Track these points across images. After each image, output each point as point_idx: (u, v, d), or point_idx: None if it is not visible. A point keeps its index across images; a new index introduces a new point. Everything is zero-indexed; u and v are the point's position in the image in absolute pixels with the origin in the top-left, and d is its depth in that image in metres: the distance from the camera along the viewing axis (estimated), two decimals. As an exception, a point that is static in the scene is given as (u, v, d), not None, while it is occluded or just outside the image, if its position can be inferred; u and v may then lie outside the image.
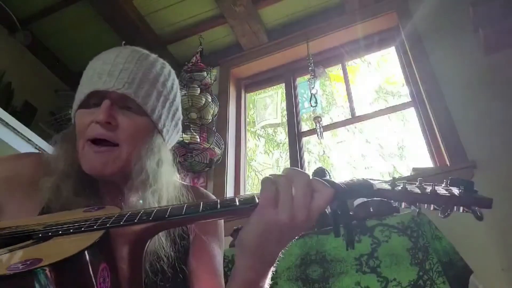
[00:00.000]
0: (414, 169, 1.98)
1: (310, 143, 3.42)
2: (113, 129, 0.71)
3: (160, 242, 0.68)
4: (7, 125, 1.80)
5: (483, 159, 1.78)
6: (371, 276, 1.27)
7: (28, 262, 0.40)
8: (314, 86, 2.44)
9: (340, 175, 4.01)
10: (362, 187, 0.55)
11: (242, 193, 2.43)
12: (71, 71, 3.05)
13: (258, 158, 4.45)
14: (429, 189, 0.55)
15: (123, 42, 2.51)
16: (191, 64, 2.55)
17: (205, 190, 0.91)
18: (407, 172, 3.20)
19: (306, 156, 2.51)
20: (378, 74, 3.64)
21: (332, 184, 0.55)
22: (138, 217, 0.53)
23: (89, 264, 0.43)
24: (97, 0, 2.58)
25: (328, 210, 0.57)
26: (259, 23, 2.66)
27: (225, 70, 2.80)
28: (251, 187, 3.84)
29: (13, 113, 1.99)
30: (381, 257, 1.28)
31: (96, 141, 0.70)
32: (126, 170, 0.72)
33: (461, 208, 0.55)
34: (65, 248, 0.45)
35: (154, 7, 2.64)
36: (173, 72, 0.84)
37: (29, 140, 1.89)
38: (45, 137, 2.21)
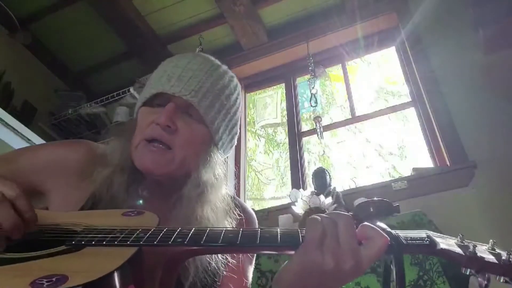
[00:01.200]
0: (414, 169, 1.98)
1: (310, 143, 3.41)
2: (171, 133, 0.71)
3: (200, 260, 0.65)
4: (7, 125, 1.80)
5: (483, 159, 1.78)
6: (371, 276, 1.27)
7: (54, 279, 0.40)
8: (314, 86, 2.44)
9: (340, 175, 4.01)
10: (424, 245, 0.49)
11: (242, 193, 2.43)
12: (71, 71, 3.05)
13: (258, 158, 4.45)
14: (504, 257, 0.47)
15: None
16: (191, 64, 2.55)
17: (241, 202, 0.86)
18: (407, 172, 3.20)
19: (306, 156, 2.51)
20: (378, 74, 3.64)
21: (388, 234, 0.50)
22: (172, 238, 0.50)
23: (116, 287, 0.42)
24: (97, 0, 2.58)
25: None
26: (259, 23, 2.66)
27: (225, 70, 2.79)
28: (251, 187, 3.84)
29: (13, 113, 1.99)
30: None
31: (151, 141, 0.71)
32: (178, 176, 0.72)
33: None
34: (94, 266, 0.44)
35: (154, 7, 2.64)
36: (239, 86, 0.84)
37: (29, 140, 1.89)
38: (45, 137, 2.22)
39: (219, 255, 0.68)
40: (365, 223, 0.51)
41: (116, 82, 2.81)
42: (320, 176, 2.03)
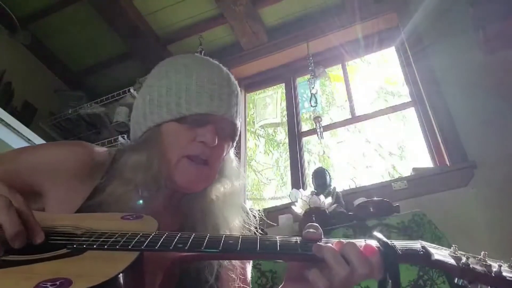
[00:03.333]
0: (414, 169, 1.98)
1: (310, 143, 3.41)
2: (212, 151, 0.73)
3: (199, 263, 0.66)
4: (7, 125, 1.80)
5: (483, 159, 1.78)
6: (371, 276, 1.26)
7: (58, 283, 0.40)
8: (314, 86, 2.44)
9: (340, 175, 4.01)
10: (418, 255, 0.52)
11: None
12: (71, 71, 3.04)
13: (258, 158, 4.45)
14: (495, 269, 0.49)
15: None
16: (191, 64, 2.55)
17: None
18: (407, 172, 3.20)
19: (306, 156, 2.51)
20: (378, 74, 3.64)
21: (385, 245, 0.52)
22: (173, 244, 0.50)
23: None
24: (97, 0, 2.58)
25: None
26: (259, 23, 2.66)
27: (225, 70, 2.79)
28: (251, 187, 3.84)
29: (13, 113, 1.99)
30: (381, 257, 1.28)
31: (191, 157, 0.72)
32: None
33: None
34: (97, 270, 0.44)
35: (154, 7, 2.64)
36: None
37: (29, 140, 1.89)
38: (45, 137, 2.21)
39: None
40: (368, 243, 0.53)
41: (116, 82, 2.80)
42: (320, 176, 2.03)
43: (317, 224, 0.56)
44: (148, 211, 0.65)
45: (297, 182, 2.31)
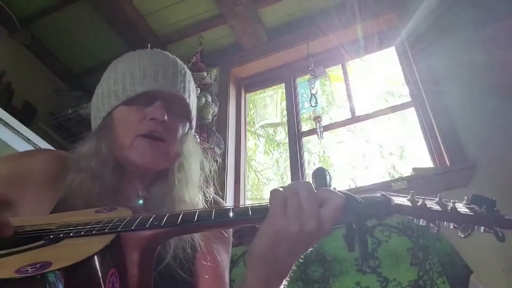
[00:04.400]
0: (414, 169, 1.97)
1: (310, 143, 3.41)
2: (164, 127, 0.74)
3: (175, 244, 0.68)
4: (7, 125, 1.80)
5: (483, 159, 1.78)
6: (371, 276, 1.27)
7: (38, 266, 0.40)
8: (314, 86, 2.44)
9: (340, 175, 4.01)
10: (379, 201, 0.54)
11: (242, 192, 2.43)
12: (71, 71, 3.05)
13: (258, 158, 4.45)
14: (450, 206, 0.53)
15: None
16: (191, 64, 2.55)
17: (216, 196, 0.91)
18: (407, 172, 3.20)
19: (306, 156, 2.51)
20: (378, 74, 3.64)
21: (345, 194, 0.54)
22: (149, 222, 0.52)
23: (98, 269, 0.43)
24: (97, 0, 2.58)
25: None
26: (259, 23, 2.66)
27: (225, 70, 2.80)
28: (251, 187, 3.84)
29: (13, 113, 1.98)
30: (381, 257, 1.28)
31: (147, 136, 0.73)
32: (167, 167, 0.76)
33: (482, 228, 0.53)
34: (75, 252, 0.45)
35: (154, 7, 2.64)
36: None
37: (29, 140, 1.89)
38: (45, 137, 2.21)
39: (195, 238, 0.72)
40: (322, 187, 0.56)
41: (116, 82, 2.80)
42: (320, 176, 2.02)
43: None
44: (122, 199, 0.69)
45: (297, 182, 2.30)
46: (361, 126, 3.29)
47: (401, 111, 2.61)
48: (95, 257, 0.43)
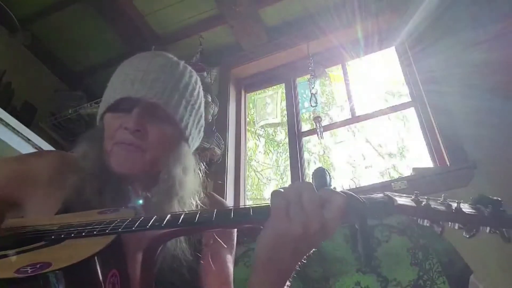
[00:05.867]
0: (414, 169, 1.97)
1: (310, 143, 3.41)
2: (141, 137, 0.72)
3: (180, 245, 0.67)
4: (7, 125, 1.80)
5: (483, 159, 1.78)
6: (371, 276, 1.27)
7: (37, 266, 0.40)
8: (314, 86, 2.44)
9: (340, 175, 4.01)
10: (382, 202, 0.53)
11: (242, 193, 2.43)
12: (71, 71, 3.04)
13: (258, 158, 4.45)
14: (454, 206, 0.52)
15: (153, 46, 2.50)
16: (191, 64, 2.55)
17: (220, 198, 0.91)
18: (407, 172, 3.20)
19: (306, 156, 2.51)
20: (378, 74, 3.63)
21: (347, 194, 0.53)
22: (150, 222, 0.52)
23: (98, 270, 0.43)
24: (97, 0, 2.58)
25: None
26: (259, 23, 2.66)
27: (225, 70, 2.80)
28: (251, 187, 3.84)
29: (13, 113, 1.98)
30: (381, 257, 1.28)
31: (118, 144, 0.72)
32: (152, 174, 0.74)
33: (488, 228, 0.52)
34: (76, 253, 0.45)
35: (154, 7, 2.64)
36: (199, 80, 0.87)
37: (29, 140, 1.89)
38: (45, 137, 2.21)
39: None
40: (324, 188, 0.55)
41: (116, 82, 2.80)
42: (320, 176, 2.03)
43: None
44: (123, 200, 0.68)
45: (297, 182, 2.31)
46: (361, 126, 3.29)
47: (401, 111, 2.61)
48: (95, 257, 0.43)
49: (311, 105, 2.40)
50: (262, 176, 4.34)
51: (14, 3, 2.52)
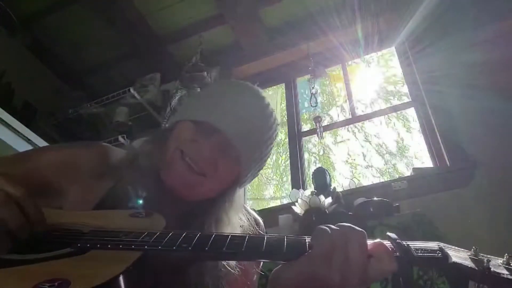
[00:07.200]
0: (414, 169, 1.98)
1: (310, 143, 3.41)
2: (208, 169, 0.69)
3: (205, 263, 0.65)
4: (7, 125, 1.80)
5: (483, 159, 1.78)
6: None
7: (56, 284, 0.40)
8: (314, 86, 2.44)
9: (340, 175, 4.01)
10: (436, 259, 0.47)
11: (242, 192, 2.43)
12: (71, 71, 3.04)
13: (258, 158, 4.44)
14: None
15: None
16: (191, 64, 2.55)
17: (253, 213, 0.87)
18: (407, 172, 3.20)
19: (306, 156, 2.51)
20: (378, 74, 3.63)
21: (400, 259, 0.47)
22: (177, 243, 0.49)
23: None
24: (97, 0, 2.58)
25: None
26: (259, 23, 2.66)
27: (225, 70, 2.80)
28: (251, 187, 3.84)
29: (13, 113, 1.98)
30: (381, 257, 1.28)
31: (183, 153, 0.69)
32: (201, 202, 0.72)
33: None
34: (97, 270, 0.44)
35: (154, 7, 2.64)
36: (279, 127, 0.83)
37: (29, 140, 1.89)
38: (45, 137, 2.21)
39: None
40: (379, 240, 0.49)
41: (116, 82, 2.80)
42: (320, 176, 2.03)
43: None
44: (161, 204, 0.66)
45: (297, 182, 2.31)
46: (361, 126, 3.29)
47: (401, 111, 2.61)
48: (116, 279, 0.43)
49: (311, 105, 2.40)
50: (262, 176, 4.34)
51: (14, 3, 2.52)
